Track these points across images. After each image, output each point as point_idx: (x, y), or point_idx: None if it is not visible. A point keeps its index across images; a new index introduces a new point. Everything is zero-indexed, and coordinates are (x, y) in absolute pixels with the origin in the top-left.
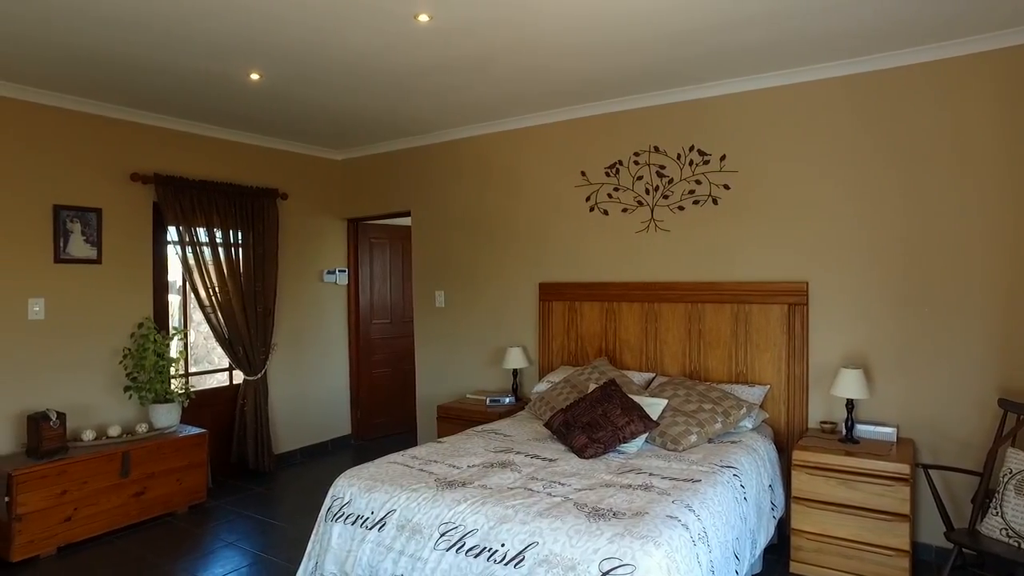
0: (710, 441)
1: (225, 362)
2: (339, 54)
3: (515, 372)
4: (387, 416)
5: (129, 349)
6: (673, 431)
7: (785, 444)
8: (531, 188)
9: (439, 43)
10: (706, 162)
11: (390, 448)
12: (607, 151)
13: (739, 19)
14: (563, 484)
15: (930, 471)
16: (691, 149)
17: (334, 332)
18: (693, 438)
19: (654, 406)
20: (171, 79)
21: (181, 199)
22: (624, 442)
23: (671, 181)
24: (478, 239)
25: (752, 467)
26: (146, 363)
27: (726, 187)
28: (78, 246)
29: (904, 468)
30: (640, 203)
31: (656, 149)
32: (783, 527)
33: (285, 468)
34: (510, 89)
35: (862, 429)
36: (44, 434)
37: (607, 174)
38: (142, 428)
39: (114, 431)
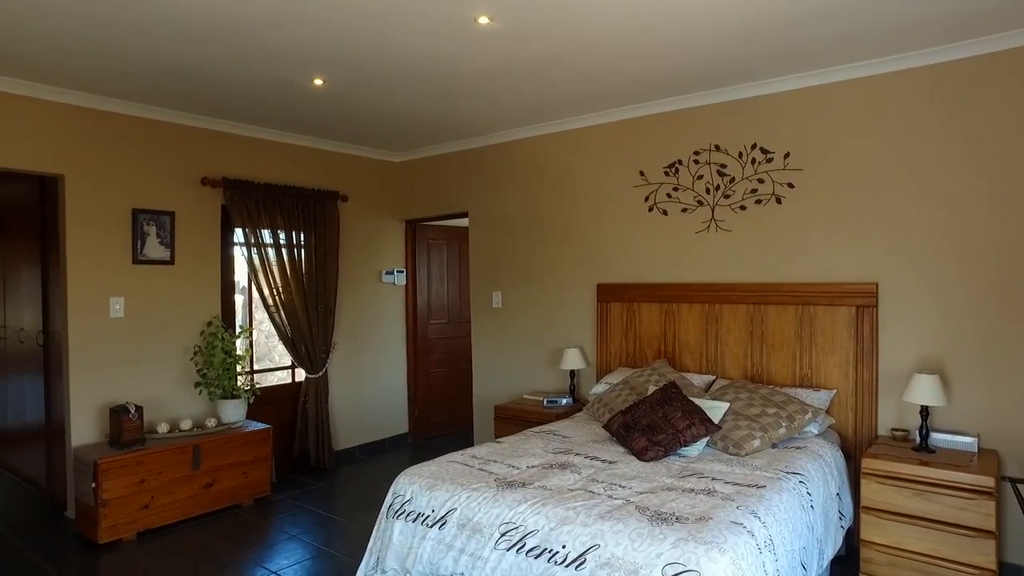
0: (774, 446)
1: (286, 360)
2: (400, 58)
3: (572, 373)
4: (444, 415)
5: (199, 346)
6: (735, 435)
7: (853, 451)
8: (588, 188)
9: (499, 45)
10: (769, 160)
11: (446, 447)
12: (666, 150)
13: (813, 12)
14: (624, 487)
15: (1019, 485)
16: (753, 147)
17: (392, 332)
18: (756, 443)
19: (715, 409)
20: (240, 87)
21: (247, 202)
22: (685, 445)
23: (732, 180)
24: (535, 239)
25: (819, 474)
26: (215, 360)
27: (790, 186)
28: (153, 247)
29: (988, 481)
30: (700, 203)
31: (717, 148)
32: (851, 538)
33: (344, 465)
34: (569, 90)
35: (938, 438)
36: (124, 426)
37: (666, 173)
38: (211, 423)
39: (186, 425)
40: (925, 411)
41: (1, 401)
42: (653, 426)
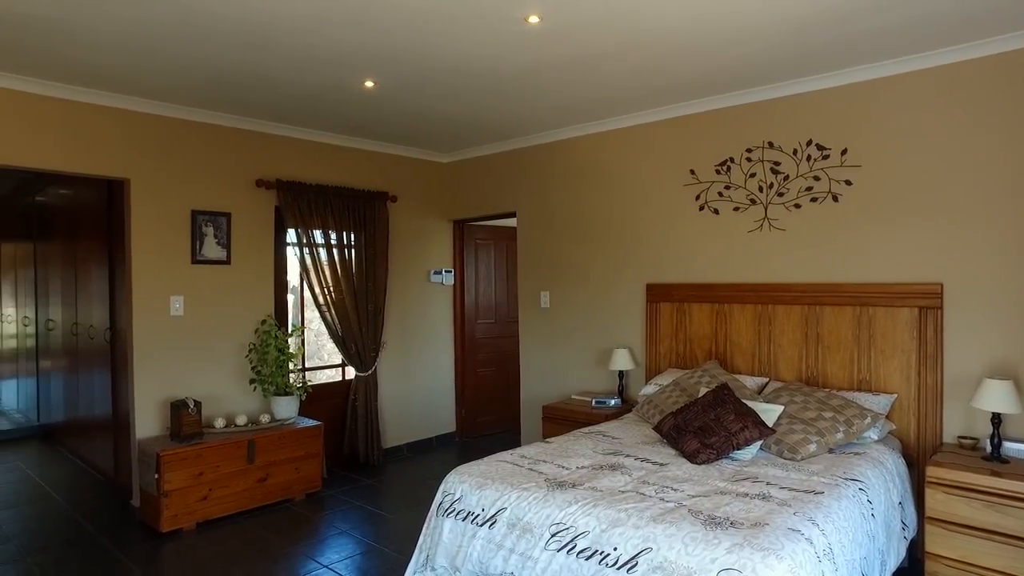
0: (830, 451)
1: (335, 359)
2: (450, 59)
3: (621, 374)
4: (491, 415)
5: (254, 344)
6: (790, 439)
7: (915, 459)
8: (638, 187)
9: (549, 45)
10: (825, 157)
11: (494, 446)
12: (717, 148)
13: (878, 1)
14: (675, 489)
15: None
16: (809, 143)
17: (440, 331)
18: (812, 447)
19: (769, 412)
20: (294, 91)
21: (299, 202)
22: (737, 449)
23: (787, 178)
24: (583, 239)
25: (880, 482)
26: (268, 358)
27: (848, 183)
28: (211, 248)
29: None
30: (753, 201)
31: (770, 145)
32: (914, 549)
33: (393, 462)
34: (619, 88)
35: (1012, 447)
36: (184, 420)
37: (717, 172)
38: (265, 418)
39: (241, 420)
40: (997, 419)
41: (74, 394)
42: (705, 428)
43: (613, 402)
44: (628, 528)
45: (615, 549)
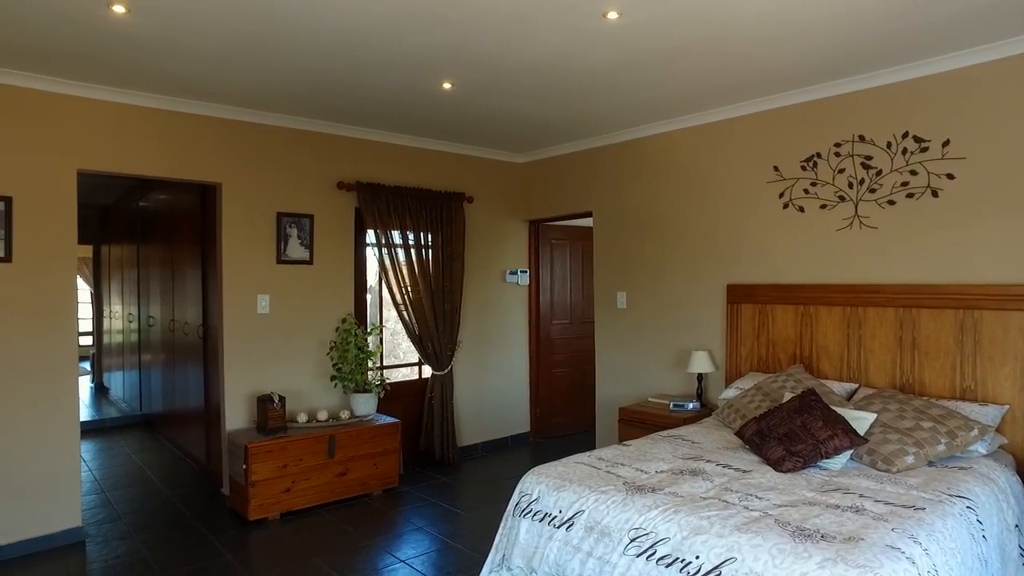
0: (930, 464)
1: (411, 357)
2: (527, 58)
3: (700, 377)
4: (566, 416)
5: (334, 342)
6: (885, 449)
7: None
8: (717, 185)
9: (628, 40)
10: (924, 150)
11: (568, 447)
12: (803, 143)
13: None
14: (760, 498)
15: None
16: (904, 136)
17: (515, 331)
18: (910, 459)
19: (860, 420)
20: (375, 95)
21: (378, 204)
22: (826, 457)
23: (879, 173)
24: (661, 239)
25: (991, 501)
26: (348, 355)
27: (949, 176)
28: (295, 248)
29: None
30: (842, 198)
31: (861, 138)
32: None
33: (468, 460)
34: (699, 83)
35: None
36: (269, 414)
37: (803, 168)
38: (345, 415)
39: (322, 415)
40: None
41: (171, 386)
42: (790, 435)
43: (691, 405)
44: (711, 536)
45: (697, 557)
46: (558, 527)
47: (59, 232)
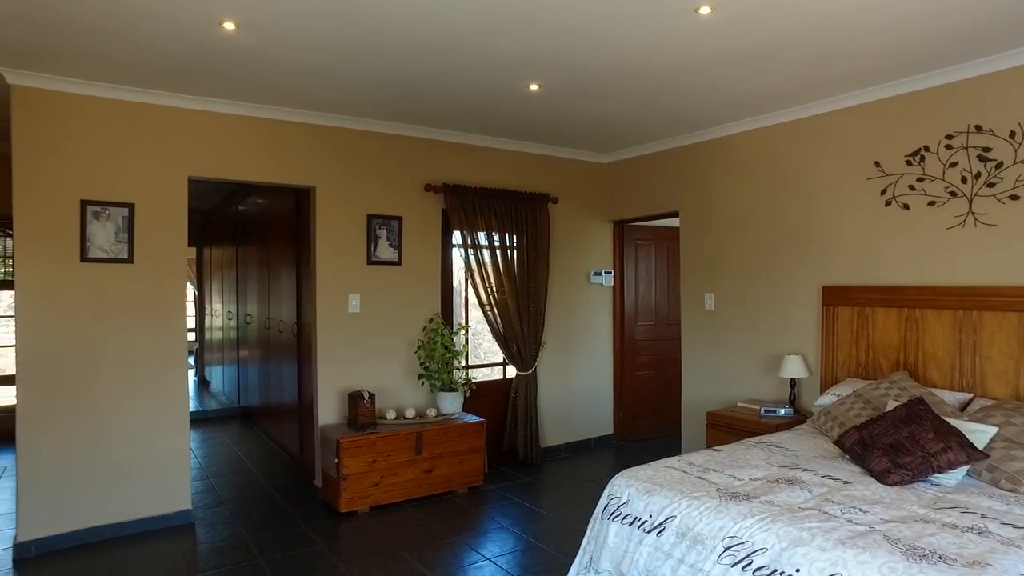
0: None
1: (494, 357)
2: (616, 57)
3: (792, 382)
4: (650, 419)
5: (422, 341)
6: (1010, 467)
7: None
8: (812, 183)
9: (722, 35)
10: None
11: (652, 451)
12: (907, 137)
13: None
14: (865, 511)
15: None
16: None
17: (599, 332)
18: None
19: (978, 433)
20: (463, 97)
21: (464, 205)
22: (938, 472)
23: (999, 165)
24: (751, 239)
25: None
26: (435, 355)
27: None
28: (384, 249)
29: None
30: (953, 194)
31: (977, 128)
32: None
33: (551, 461)
34: (793, 77)
35: None
36: (359, 410)
37: (908, 163)
38: (431, 412)
39: (410, 413)
40: None
41: (266, 381)
42: (897, 446)
43: (784, 411)
44: (812, 549)
45: (797, 571)
46: (648, 532)
47: (172, 235)
